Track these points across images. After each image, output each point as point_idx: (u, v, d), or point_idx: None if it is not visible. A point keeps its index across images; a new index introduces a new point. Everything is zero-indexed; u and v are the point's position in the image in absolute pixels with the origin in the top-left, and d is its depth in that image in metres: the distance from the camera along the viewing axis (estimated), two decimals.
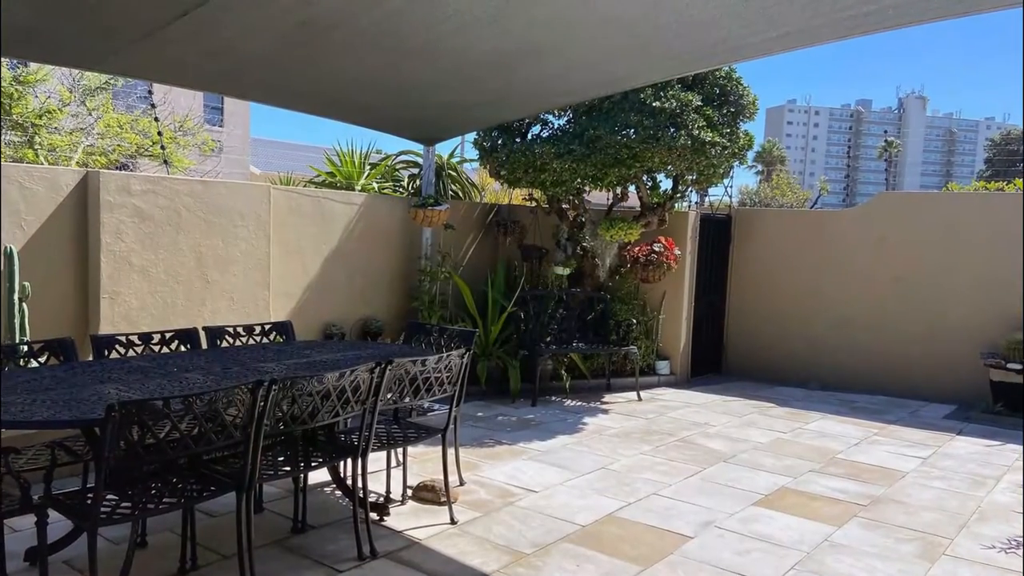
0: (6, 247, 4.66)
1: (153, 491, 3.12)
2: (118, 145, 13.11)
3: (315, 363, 3.99)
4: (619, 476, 5.10)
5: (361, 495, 3.73)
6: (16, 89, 11.42)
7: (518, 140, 7.31)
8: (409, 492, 4.56)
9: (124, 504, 2.96)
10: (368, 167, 8.74)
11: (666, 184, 7.77)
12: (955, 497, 4.94)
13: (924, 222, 8.18)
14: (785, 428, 6.63)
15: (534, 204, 8.17)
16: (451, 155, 9.09)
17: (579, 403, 7.29)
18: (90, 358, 4.08)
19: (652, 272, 7.59)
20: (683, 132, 6.59)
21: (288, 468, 3.62)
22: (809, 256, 8.79)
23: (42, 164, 10.37)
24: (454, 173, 8.88)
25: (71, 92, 13.13)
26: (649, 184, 7.66)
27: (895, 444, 6.22)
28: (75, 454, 3.48)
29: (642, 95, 6.68)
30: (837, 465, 5.56)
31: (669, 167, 7.00)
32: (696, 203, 10.61)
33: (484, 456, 5.44)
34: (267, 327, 4.86)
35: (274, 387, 3.09)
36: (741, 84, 7.17)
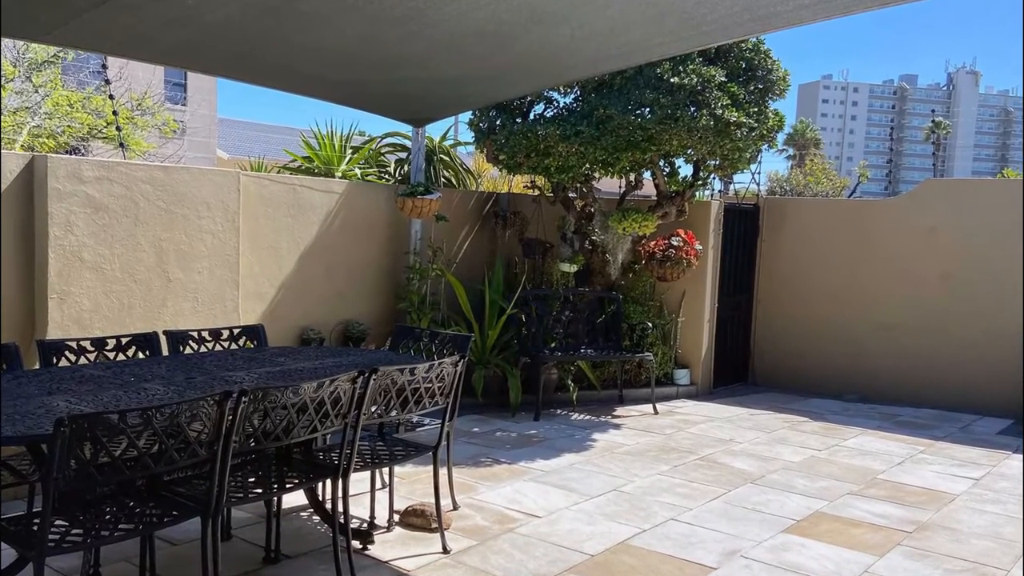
0: None
1: (107, 516, 3.12)
2: (68, 126, 13.12)
3: (290, 372, 3.99)
4: (633, 499, 5.11)
5: (342, 520, 3.73)
6: None
7: (519, 120, 7.31)
8: (396, 517, 4.56)
9: (75, 531, 2.96)
10: (350, 151, 8.75)
11: (686, 170, 7.78)
12: (1011, 523, 4.94)
13: (977, 212, 8.18)
14: (820, 445, 6.64)
15: (537, 193, 8.17)
16: (443, 137, 9.10)
17: (588, 417, 7.30)
18: (36, 366, 4.08)
19: (670, 269, 7.59)
20: (705, 111, 6.59)
21: (259, 490, 3.62)
22: (847, 251, 8.79)
23: None
24: (447, 158, 8.88)
25: (15, 67, 13.14)
26: (667, 170, 7.65)
27: (944, 463, 6.22)
28: (20, 474, 3.48)
29: (658, 70, 6.67)
30: (878, 487, 5.57)
31: (689, 151, 6.99)
32: (719, 191, 10.62)
33: (480, 477, 5.44)
34: (236, 331, 4.87)
35: (244, 399, 3.09)
36: (770, 57, 7.17)
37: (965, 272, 8.20)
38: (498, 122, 7.32)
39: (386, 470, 4.72)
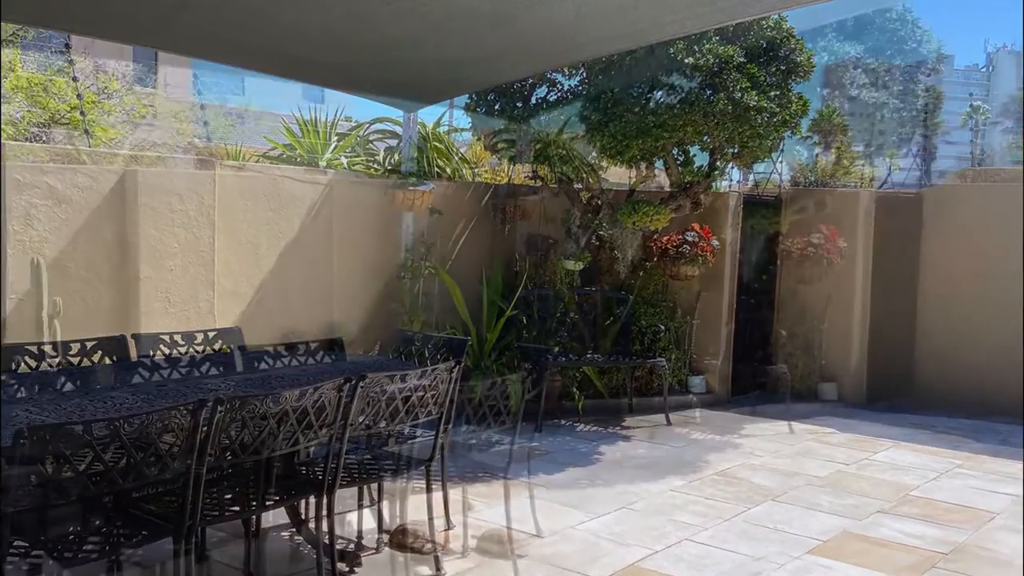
0: None
1: (71, 536, 3.12)
2: (28, 111, 13.11)
3: (270, 378, 3.99)
4: (644, 517, 5.11)
5: (327, 541, 3.73)
6: None
7: (519, 105, 7.31)
8: (385, 537, 4.56)
9: (36, 552, 2.96)
10: (335, 138, 8.74)
11: (701, 159, 7.76)
12: None
13: (1015, 205, 8.17)
14: (847, 458, 6.64)
15: (539, 184, 8.16)
16: (437, 124, 9.09)
17: (594, 428, 7.30)
18: None
19: (684, 267, 7.59)
20: (722, 95, 6.59)
21: (237, 508, 3.62)
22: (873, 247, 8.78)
23: None
24: (441, 146, 8.87)
25: None
26: (680, 159, 7.65)
27: (982, 477, 6.22)
28: None
29: (672, 50, 6.67)
30: (911, 504, 5.57)
31: (705, 138, 6.99)
32: (738, 182, 10.61)
33: (478, 493, 5.44)
34: (211, 334, 4.86)
35: (220, 408, 3.08)
36: (793, 36, 7.17)
37: (997, 270, 8.21)
38: (497, 107, 7.32)
39: (375, 486, 4.71)
